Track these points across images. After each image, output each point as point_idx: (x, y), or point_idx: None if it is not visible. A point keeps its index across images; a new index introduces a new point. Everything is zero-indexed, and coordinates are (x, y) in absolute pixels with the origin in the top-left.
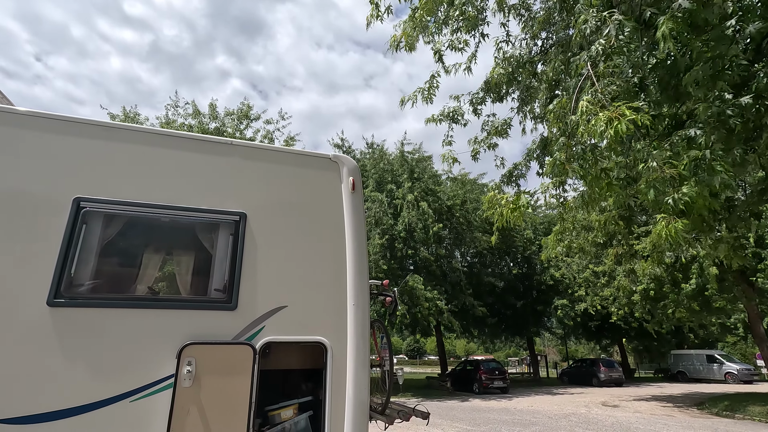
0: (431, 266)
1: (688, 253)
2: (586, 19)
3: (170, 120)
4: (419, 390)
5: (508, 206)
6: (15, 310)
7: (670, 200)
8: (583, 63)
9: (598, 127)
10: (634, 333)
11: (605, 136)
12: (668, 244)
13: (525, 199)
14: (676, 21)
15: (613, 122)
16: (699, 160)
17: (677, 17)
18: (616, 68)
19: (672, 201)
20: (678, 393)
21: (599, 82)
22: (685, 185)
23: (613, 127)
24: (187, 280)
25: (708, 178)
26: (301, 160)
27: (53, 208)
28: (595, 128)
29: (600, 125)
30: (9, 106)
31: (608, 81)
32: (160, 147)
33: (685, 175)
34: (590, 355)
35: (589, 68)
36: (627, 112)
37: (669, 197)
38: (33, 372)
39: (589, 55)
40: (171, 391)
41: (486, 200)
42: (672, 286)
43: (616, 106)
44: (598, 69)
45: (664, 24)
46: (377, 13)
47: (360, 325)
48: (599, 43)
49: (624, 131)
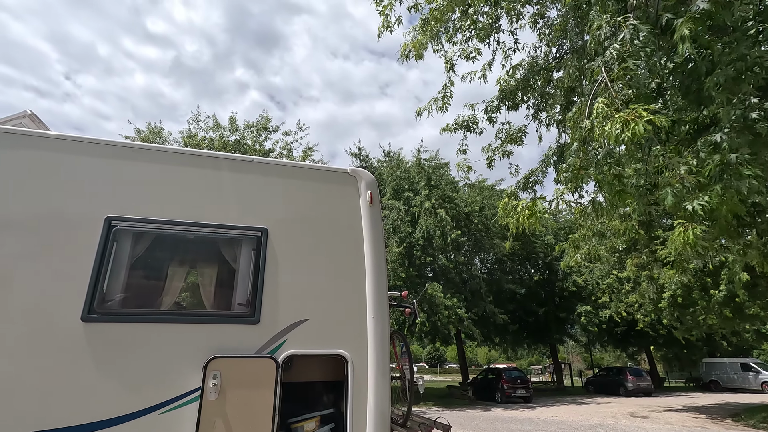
0: (450, 273)
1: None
2: (600, 24)
3: (192, 134)
4: (440, 399)
5: (524, 212)
6: (52, 326)
7: (689, 206)
8: (598, 69)
9: (614, 130)
10: (663, 340)
11: (621, 139)
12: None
13: (541, 205)
14: (694, 22)
15: (629, 124)
16: (724, 165)
17: (696, 18)
18: (631, 71)
19: (691, 207)
20: (711, 403)
21: (613, 84)
22: (707, 191)
23: (630, 129)
24: (212, 294)
25: (735, 183)
26: (319, 175)
27: (86, 228)
28: (611, 131)
29: (616, 128)
30: (44, 131)
31: (623, 84)
32: (184, 166)
33: (706, 182)
34: (616, 363)
35: (603, 73)
36: (644, 114)
37: (688, 203)
38: (69, 385)
39: (603, 60)
40: (198, 404)
41: (501, 207)
42: (701, 292)
43: (633, 108)
44: (613, 73)
45: (682, 25)
46: (387, 24)
47: (380, 337)
48: (614, 47)
49: (642, 133)
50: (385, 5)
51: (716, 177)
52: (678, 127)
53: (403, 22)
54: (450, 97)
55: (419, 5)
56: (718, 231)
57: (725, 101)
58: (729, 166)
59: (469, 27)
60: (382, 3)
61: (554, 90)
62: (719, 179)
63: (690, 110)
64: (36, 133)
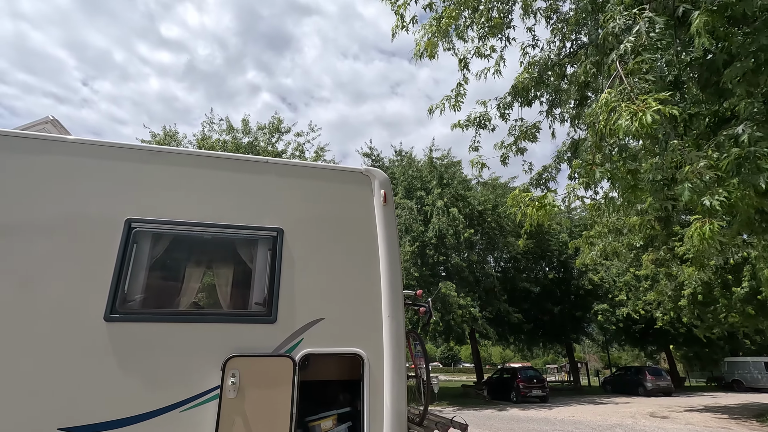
0: (463, 272)
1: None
2: (614, 16)
3: (206, 136)
4: (455, 398)
5: (533, 205)
6: (76, 325)
7: (706, 201)
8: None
9: (623, 121)
10: (683, 339)
11: (631, 131)
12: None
13: (551, 198)
14: (711, 14)
15: (637, 115)
16: (742, 158)
17: (712, 11)
18: (646, 64)
19: (708, 202)
20: (734, 403)
21: (628, 78)
22: (725, 185)
23: (638, 119)
24: (229, 294)
25: (753, 177)
26: (333, 175)
27: (107, 230)
28: (619, 123)
29: (624, 119)
30: (66, 137)
31: (639, 78)
32: (200, 168)
33: (725, 176)
34: (634, 362)
35: (618, 67)
36: (653, 104)
37: (705, 198)
38: (93, 383)
39: (618, 54)
40: (217, 402)
41: (510, 198)
42: (722, 289)
43: (642, 99)
44: (627, 66)
45: (698, 18)
46: (402, 24)
47: (395, 336)
48: (629, 40)
49: (649, 123)
50: (400, 4)
51: (733, 171)
52: (697, 121)
53: (417, 21)
54: (463, 96)
55: (433, 4)
56: (739, 226)
57: (744, 93)
58: (747, 160)
59: (483, 24)
60: (398, 2)
61: (568, 85)
62: (737, 173)
63: (709, 103)
64: (58, 138)
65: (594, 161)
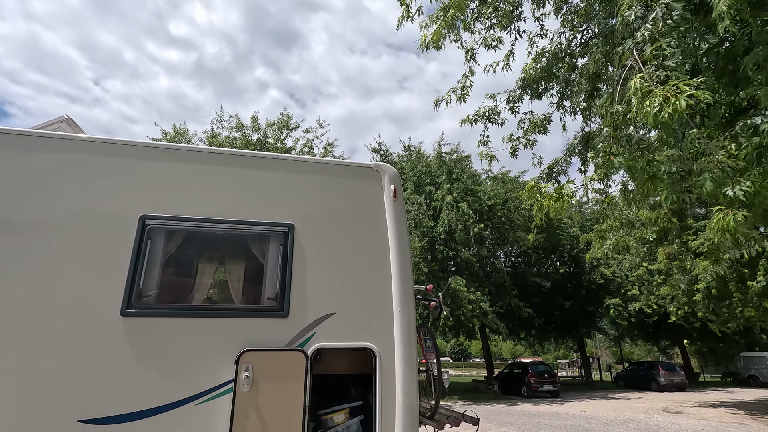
0: (473, 267)
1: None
2: (630, 4)
3: (216, 134)
4: (466, 393)
5: (550, 196)
6: (94, 321)
7: (729, 192)
8: (628, 53)
9: (652, 108)
10: (697, 334)
11: (662, 117)
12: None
13: (569, 189)
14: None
15: (669, 101)
16: (763, 148)
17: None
18: (664, 50)
19: (731, 193)
20: (750, 399)
21: (646, 67)
22: (747, 176)
23: (671, 105)
24: (242, 289)
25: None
26: (343, 171)
27: (123, 226)
28: (649, 110)
29: (654, 106)
30: (80, 135)
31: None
32: (212, 164)
33: (745, 166)
34: (647, 357)
35: (635, 55)
36: (685, 89)
37: (728, 188)
38: (111, 377)
39: (634, 42)
40: (231, 396)
41: (526, 190)
42: (738, 283)
43: (673, 84)
44: (645, 54)
45: (720, 2)
46: (408, 14)
47: (406, 330)
48: (645, 28)
49: (683, 108)
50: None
51: (754, 161)
52: (715, 110)
53: (423, 12)
54: (470, 87)
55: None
56: (754, 219)
57: (765, 81)
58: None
59: (491, 14)
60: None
61: (579, 77)
62: (758, 163)
63: (726, 93)
64: (72, 137)
65: (611, 151)
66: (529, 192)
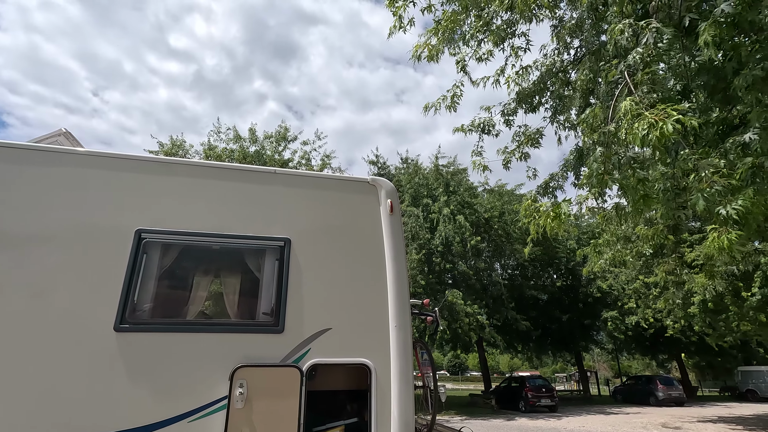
0: (470, 280)
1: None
2: (623, 29)
3: (213, 146)
4: (462, 408)
5: (547, 215)
6: (87, 336)
7: (722, 211)
8: (614, 71)
9: (640, 130)
10: (695, 347)
11: (649, 140)
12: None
13: (566, 207)
14: (719, 27)
15: (657, 125)
16: (756, 167)
17: (720, 22)
18: (656, 75)
19: (725, 212)
20: (749, 414)
21: (637, 90)
22: (740, 195)
23: (658, 128)
24: (236, 304)
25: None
26: (340, 185)
27: (118, 240)
28: (637, 132)
29: (642, 128)
30: (77, 149)
31: (648, 88)
32: (209, 178)
33: (738, 185)
34: (645, 371)
35: (626, 76)
36: (673, 113)
37: (721, 207)
38: (103, 393)
39: (626, 64)
40: (225, 413)
41: (523, 208)
42: (733, 297)
43: (662, 108)
44: (636, 77)
45: (705, 31)
46: (400, 25)
47: (402, 345)
48: (637, 51)
49: (670, 132)
50: (399, 6)
51: (748, 180)
52: (706, 129)
53: (415, 23)
54: (460, 97)
55: (432, 6)
56: (748, 233)
57: (754, 102)
58: (761, 169)
59: (483, 30)
60: (396, 4)
61: (572, 92)
62: (751, 182)
63: (718, 110)
64: (70, 150)
65: (605, 170)
66: (525, 210)
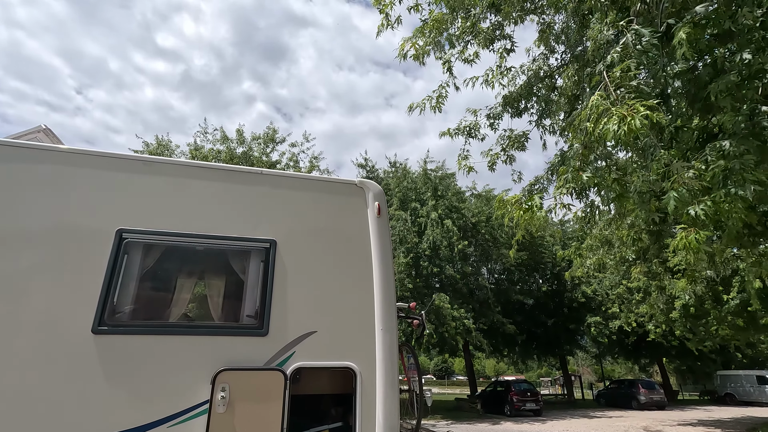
0: (457, 284)
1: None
2: (601, 29)
3: (199, 146)
4: (448, 412)
5: (519, 207)
6: (63, 338)
7: (691, 211)
8: (598, 75)
9: (611, 125)
10: (676, 352)
11: (619, 136)
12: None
13: (537, 200)
14: (694, 27)
15: (626, 119)
16: (728, 170)
17: (695, 23)
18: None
19: (693, 212)
20: (727, 417)
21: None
22: (711, 196)
23: (626, 123)
24: (220, 306)
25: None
26: (327, 187)
27: (98, 240)
28: (607, 127)
29: (612, 124)
30: (57, 146)
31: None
32: (194, 178)
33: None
34: (628, 375)
35: (604, 75)
36: (641, 109)
37: (691, 208)
38: (80, 398)
39: (604, 63)
40: (206, 417)
41: (496, 201)
42: (713, 302)
43: (631, 105)
44: (613, 74)
45: (680, 30)
46: (387, 22)
47: (388, 349)
48: (615, 51)
49: (638, 128)
50: (385, 4)
51: (720, 182)
52: (684, 134)
53: (402, 22)
54: (445, 98)
55: (419, 6)
56: (728, 240)
57: (729, 107)
58: (733, 173)
59: (470, 32)
60: (383, 1)
61: (558, 97)
62: (723, 185)
63: (699, 118)
64: (49, 147)
65: (581, 167)
66: (498, 203)
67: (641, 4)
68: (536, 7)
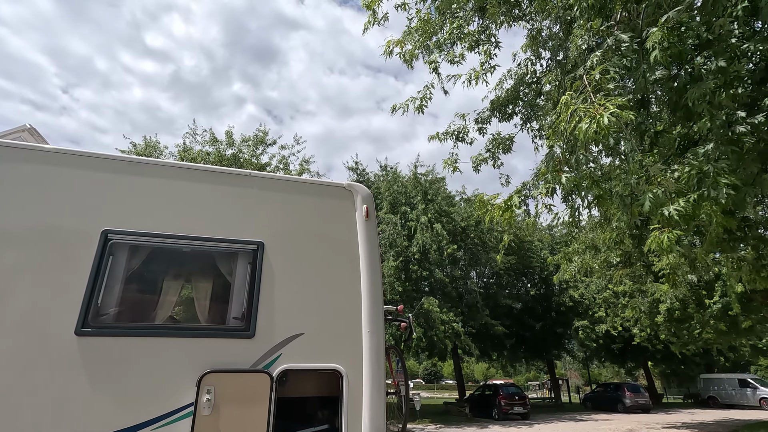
0: (446, 288)
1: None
2: (582, 34)
3: (188, 147)
4: (437, 416)
5: (498, 206)
6: (46, 339)
7: (665, 211)
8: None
9: (583, 124)
10: (660, 356)
11: (590, 134)
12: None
13: (516, 200)
14: (667, 32)
15: (596, 118)
16: (702, 174)
17: (669, 28)
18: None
19: (667, 212)
20: (710, 420)
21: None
22: (686, 198)
23: (596, 121)
24: (207, 308)
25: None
26: (316, 190)
27: (83, 241)
28: (580, 126)
29: (584, 123)
30: (41, 145)
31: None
32: (181, 179)
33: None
34: (614, 378)
35: (585, 81)
36: (610, 106)
37: (664, 208)
38: (62, 400)
39: (585, 68)
40: (191, 420)
41: (477, 200)
42: (696, 306)
43: (601, 104)
44: (591, 75)
45: (653, 34)
46: (375, 19)
47: (375, 352)
48: (595, 55)
49: (606, 125)
50: (372, 0)
51: (695, 185)
52: (665, 139)
53: (389, 19)
54: (429, 99)
55: (407, 4)
56: (709, 244)
57: (707, 113)
58: (707, 176)
59: (456, 33)
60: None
61: (544, 102)
62: (698, 187)
63: (681, 126)
64: (33, 146)
65: (560, 167)
66: (479, 203)
67: (623, 11)
68: (524, 14)
